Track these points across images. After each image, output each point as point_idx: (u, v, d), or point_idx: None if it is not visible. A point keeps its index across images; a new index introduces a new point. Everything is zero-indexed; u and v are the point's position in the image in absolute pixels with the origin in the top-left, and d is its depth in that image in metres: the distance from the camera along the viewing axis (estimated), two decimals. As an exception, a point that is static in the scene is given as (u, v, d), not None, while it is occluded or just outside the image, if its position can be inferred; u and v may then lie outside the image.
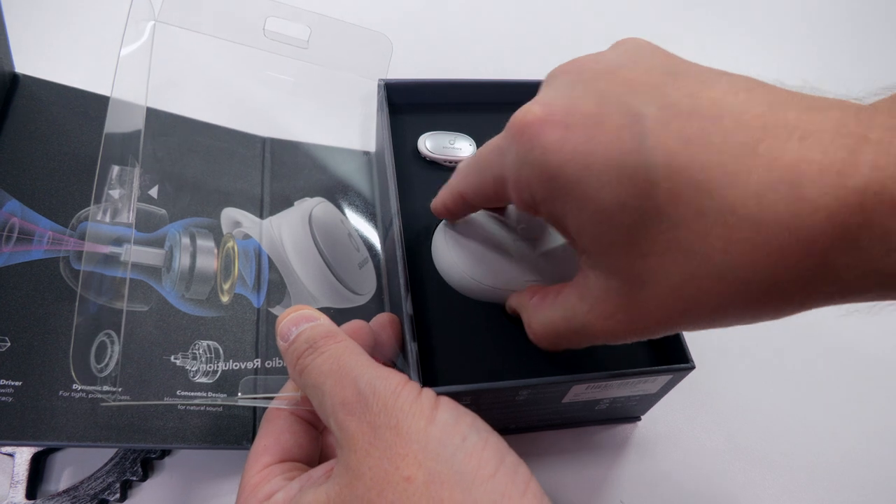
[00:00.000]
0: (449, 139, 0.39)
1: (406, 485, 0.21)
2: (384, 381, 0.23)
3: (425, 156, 0.39)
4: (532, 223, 0.32)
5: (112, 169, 0.30)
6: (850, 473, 0.38)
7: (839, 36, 0.66)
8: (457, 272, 0.33)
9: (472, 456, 0.22)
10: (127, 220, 0.30)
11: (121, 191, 0.30)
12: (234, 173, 0.39)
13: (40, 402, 0.28)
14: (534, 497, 0.22)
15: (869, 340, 0.44)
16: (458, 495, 0.21)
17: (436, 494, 0.21)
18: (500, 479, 0.22)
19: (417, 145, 0.39)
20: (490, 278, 0.32)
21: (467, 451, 0.22)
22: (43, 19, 0.52)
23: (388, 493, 0.21)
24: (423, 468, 0.21)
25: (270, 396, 0.29)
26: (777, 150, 0.18)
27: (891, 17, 0.69)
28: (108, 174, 0.29)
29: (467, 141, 0.40)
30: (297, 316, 0.27)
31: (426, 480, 0.21)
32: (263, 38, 0.36)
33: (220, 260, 0.35)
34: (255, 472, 0.26)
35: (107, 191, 0.29)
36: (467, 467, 0.21)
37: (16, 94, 0.34)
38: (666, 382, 0.32)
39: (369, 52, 0.38)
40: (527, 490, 0.22)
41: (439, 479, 0.21)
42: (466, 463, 0.22)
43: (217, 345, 0.33)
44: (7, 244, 0.30)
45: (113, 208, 0.29)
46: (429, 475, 0.21)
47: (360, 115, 0.46)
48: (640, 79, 0.21)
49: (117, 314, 0.30)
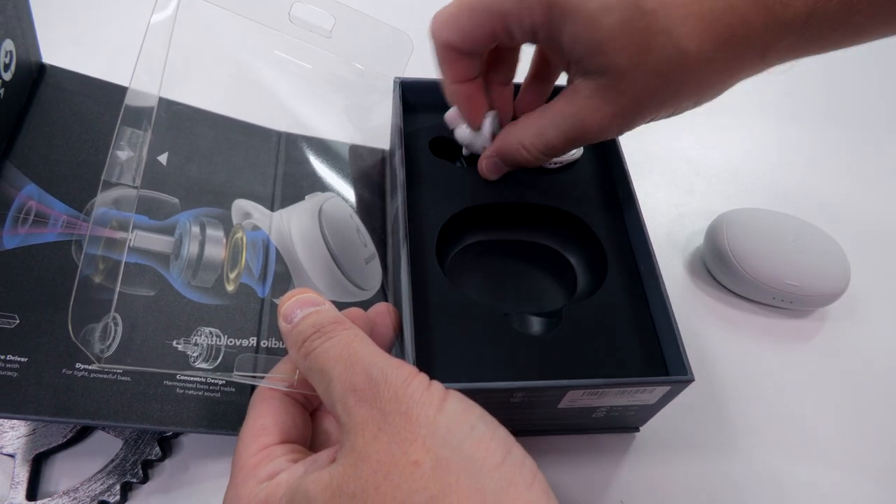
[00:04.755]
0: None
1: (413, 468, 0.21)
2: (396, 371, 0.23)
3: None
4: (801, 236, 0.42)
5: (125, 130, 0.30)
6: (851, 481, 0.37)
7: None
8: (731, 261, 0.42)
9: (479, 445, 0.22)
10: (132, 182, 0.30)
11: (129, 153, 0.30)
12: (248, 166, 0.40)
13: (44, 378, 0.29)
14: (541, 489, 0.22)
15: (868, 343, 0.43)
16: (465, 481, 0.21)
17: (443, 479, 0.21)
18: (508, 468, 0.21)
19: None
20: (762, 274, 0.41)
21: (475, 440, 0.22)
22: (71, 11, 0.54)
23: (395, 476, 0.21)
24: (430, 453, 0.21)
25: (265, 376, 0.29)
26: None
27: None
28: (121, 138, 0.30)
29: None
30: (302, 299, 0.27)
31: (434, 465, 0.21)
32: (288, 23, 0.37)
33: (229, 249, 0.36)
34: (254, 451, 0.26)
35: (113, 151, 0.30)
36: (475, 455, 0.21)
37: (42, 83, 0.36)
38: (664, 394, 0.31)
39: (390, 49, 0.39)
40: (534, 482, 0.22)
41: (447, 465, 0.21)
42: (474, 451, 0.22)
43: (219, 332, 0.33)
44: (23, 226, 0.32)
45: (119, 168, 0.30)
46: (436, 460, 0.21)
47: (376, 112, 0.47)
48: None
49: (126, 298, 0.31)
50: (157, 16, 0.32)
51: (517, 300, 0.37)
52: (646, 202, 0.50)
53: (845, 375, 0.42)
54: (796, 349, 0.43)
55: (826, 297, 0.43)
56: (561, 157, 0.39)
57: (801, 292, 0.42)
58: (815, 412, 0.40)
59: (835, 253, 0.43)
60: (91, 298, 0.27)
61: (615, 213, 0.38)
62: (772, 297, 0.43)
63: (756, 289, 0.43)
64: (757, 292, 0.43)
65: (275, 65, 0.41)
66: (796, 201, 0.50)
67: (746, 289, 0.43)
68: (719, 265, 0.44)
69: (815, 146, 0.55)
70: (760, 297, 0.44)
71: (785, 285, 0.42)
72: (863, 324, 0.44)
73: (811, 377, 0.41)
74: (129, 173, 0.30)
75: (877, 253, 0.48)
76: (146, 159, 0.31)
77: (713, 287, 0.45)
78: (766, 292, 0.43)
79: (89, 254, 0.27)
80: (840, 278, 0.42)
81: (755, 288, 0.43)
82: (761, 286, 0.42)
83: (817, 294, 0.42)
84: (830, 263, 0.42)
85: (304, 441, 0.29)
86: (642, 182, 0.50)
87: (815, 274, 0.42)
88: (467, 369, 0.31)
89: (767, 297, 0.43)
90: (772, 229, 0.43)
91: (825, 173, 0.53)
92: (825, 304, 0.43)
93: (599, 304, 0.34)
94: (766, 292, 0.43)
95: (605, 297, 0.34)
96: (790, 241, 0.43)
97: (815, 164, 0.54)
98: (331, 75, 0.41)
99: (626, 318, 0.34)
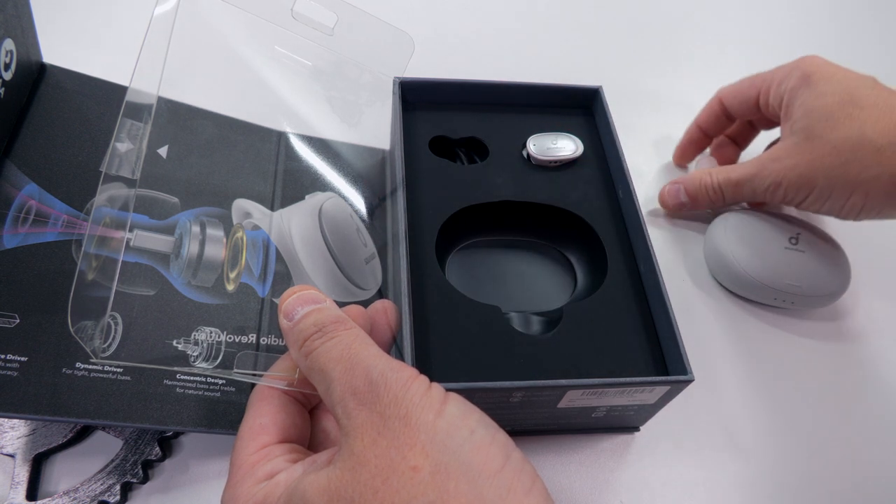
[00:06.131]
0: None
1: (412, 474, 0.21)
2: (396, 373, 0.23)
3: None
4: (802, 236, 0.43)
5: (125, 122, 0.30)
6: (851, 481, 0.37)
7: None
8: (732, 262, 0.43)
9: (479, 450, 0.22)
10: (132, 175, 0.30)
11: (128, 145, 0.30)
12: (248, 165, 0.40)
13: (44, 377, 0.29)
14: (539, 495, 0.22)
15: (868, 343, 0.43)
16: (464, 487, 0.21)
17: (441, 485, 0.21)
18: (507, 474, 0.21)
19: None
20: (763, 274, 0.42)
21: (475, 445, 0.22)
22: (71, 11, 0.54)
23: (394, 481, 0.21)
24: (430, 458, 0.21)
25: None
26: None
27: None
28: (121, 130, 0.30)
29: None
30: (303, 296, 0.27)
31: (433, 471, 0.21)
32: (291, 19, 0.37)
33: (229, 249, 0.36)
34: (253, 450, 0.26)
35: (114, 143, 0.29)
36: (474, 460, 0.21)
37: (42, 82, 0.36)
38: (664, 394, 0.31)
39: (391, 49, 0.39)
40: (532, 487, 0.22)
41: (446, 471, 0.21)
42: (473, 456, 0.21)
43: (219, 331, 0.33)
44: (23, 225, 0.32)
45: (119, 160, 0.30)
46: (435, 466, 0.21)
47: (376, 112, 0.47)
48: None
49: (126, 297, 0.31)
50: (159, 9, 0.32)
51: (517, 300, 0.37)
52: (646, 202, 0.50)
53: (845, 375, 0.42)
54: (796, 349, 0.43)
55: (826, 297, 0.43)
56: (560, 156, 0.39)
57: (802, 292, 0.42)
58: (816, 412, 0.40)
59: (835, 253, 0.43)
60: (88, 296, 0.27)
61: (615, 212, 0.38)
62: (772, 297, 0.43)
63: (756, 289, 0.43)
64: (757, 292, 0.43)
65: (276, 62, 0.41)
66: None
67: (746, 289, 0.43)
68: (719, 265, 0.44)
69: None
70: (760, 298, 0.43)
71: (785, 286, 0.42)
72: (863, 324, 0.44)
73: (811, 377, 0.41)
74: (128, 165, 0.30)
75: (877, 253, 0.48)
76: (146, 152, 0.30)
77: (713, 287, 0.45)
78: (766, 293, 0.43)
79: (87, 252, 0.27)
80: (840, 278, 0.42)
81: (755, 288, 0.43)
82: (761, 286, 0.42)
83: (817, 294, 0.42)
84: (830, 263, 0.42)
85: (303, 440, 0.29)
86: (642, 182, 0.50)
87: (815, 274, 0.42)
88: (467, 369, 0.31)
89: (768, 297, 0.43)
90: (772, 229, 0.43)
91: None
92: (825, 304, 0.43)
93: (599, 303, 0.34)
94: (766, 293, 0.43)
95: (605, 297, 0.34)
96: (790, 241, 0.43)
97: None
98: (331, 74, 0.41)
99: (626, 317, 0.34)
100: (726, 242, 0.43)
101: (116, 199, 0.30)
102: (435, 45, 0.56)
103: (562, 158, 0.39)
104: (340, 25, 0.37)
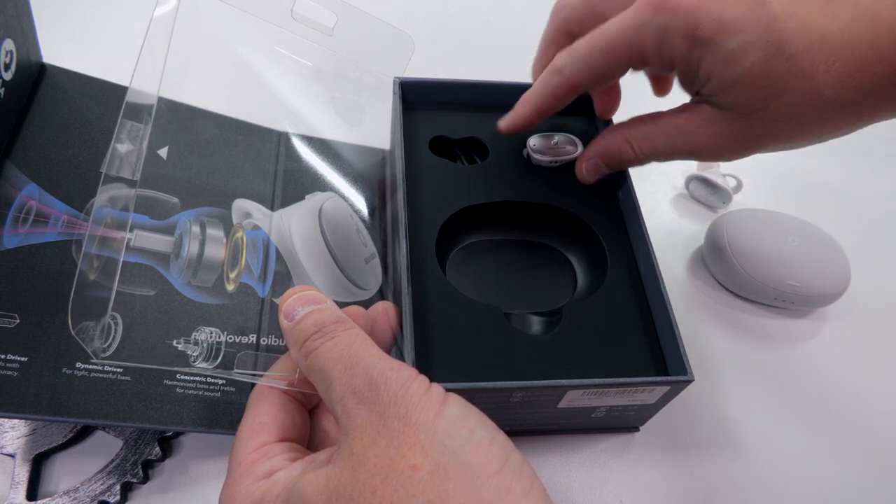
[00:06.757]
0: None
1: (411, 473, 0.21)
2: (396, 373, 0.23)
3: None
4: (801, 236, 0.42)
5: (125, 123, 0.30)
6: (852, 480, 0.37)
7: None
8: (732, 262, 0.42)
9: (478, 450, 0.22)
10: (132, 176, 0.30)
11: (129, 146, 0.30)
12: (248, 165, 0.40)
13: (44, 377, 0.29)
14: (538, 496, 0.22)
15: (868, 343, 0.43)
16: (463, 487, 0.21)
17: (440, 485, 0.21)
18: (506, 475, 0.22)
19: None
20: (762, 274, 0.41)
21: (474, 445, 0.22)
22: (71, 11, 0.54)
23: (393, 480, 0.21)
24: (429, 458, 0.21)
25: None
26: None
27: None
28: (121, 131, 0.30)
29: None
30: (303, 296, 0.27)
31: (432, 470, 0.21)
32: (291, 20, 0.37)
33: (229, 249, 0.36)
34: (252, 449, 0.26)
35: (114, 144, 0.29)
36: (473, 461, 0.21)
37: (42, 83, 0.36)
38: (664, 394, 0.31)
39: (391, 49, 0.39)
40: (531, 489, 0.22)
41: (445, 470, 0.21)
42: (472, 456, 0.22)
43: (219, 331, 0.33)
44: (23, 226, 0.32)
45: (119, 161, 0.30)
46: (434, 465, 0.21)
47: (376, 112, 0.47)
48: None
49: (127, 297, 0.31)
50: (159, 10, 0.32)
51: (517, 300, 0.37)
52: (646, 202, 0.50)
53: (845, 375, 0.42)
54: (796, 349, 0.43)
55: (826, 297, 0.43)
56: (561, 156, 0.39)
57: (802, 292, 0.42)
58: (815, 412, 0.40)
59: (835, 253, 0.43)
60: (89, 296, 0.27)
61: (615, 212, 0.38)
62: (772, 297, 0.43)
63: (756, 289, 0.43)
64: (757, 292, 0.43)
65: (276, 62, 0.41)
66: (796, 201, 0.50)
67: (747, 289, 0.43)
68: (719, 265, 0.44)
69: (816, 146, 0.55)
70: (761, 297, 0.44)
71: (785, 285, 0.42)
72: (863, 324, 0.44)
73: (811, 377, 0.41)
74: (128, 167, 0.30)
75: (877, 253, 0.48)
76: (146, 153, 0.30)
77: (713, 287, 0.45)
78: (766, 292, 0.43)
79: (88, 252, 0.27)
80: (840, 278, 0.42)
81: (755, 288, 0.43)
82: (762, 286, 0.42)
83: (817, 294, 0.42)
84: (830, 263, 0.42)
85: (303, 439, 0.29)
86: (642, 182, 0.50)
87: (815, 274, 0.42)
88: (467, 369, 0.31)
89: (768, 297, 0.43)
90: (772, 229, 0.43)
91: (826, 173, 0.53)
92: (825, 304, 0.43)
93: (599, 303, 0.34)
94: (766, 292, 0.43)
95: (605, 297, 0.34)
96: (790, 241, 0.43)
97: (816, 165, 0.54)
98: (331, 74, 0.41)
99: (626, 317, 0.34)
100: (726, 242, 0.43)
101: (117, 199, 0.30)
102: (435, 45, 0.56)
103: (562, 158, 0.39)
104: (340, 26, 0.37)
